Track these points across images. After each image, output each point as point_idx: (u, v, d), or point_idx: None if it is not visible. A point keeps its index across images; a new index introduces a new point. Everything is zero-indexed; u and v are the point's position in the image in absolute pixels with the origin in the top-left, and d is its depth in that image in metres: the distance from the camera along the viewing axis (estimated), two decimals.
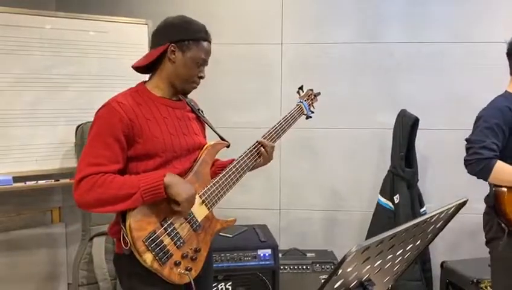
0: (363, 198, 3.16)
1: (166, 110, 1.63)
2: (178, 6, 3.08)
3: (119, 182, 1.46)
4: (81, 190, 1.45)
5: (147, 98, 1.61)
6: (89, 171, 1.45)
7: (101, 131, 1.50)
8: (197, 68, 1.65)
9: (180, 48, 1.60)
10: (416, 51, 3.07)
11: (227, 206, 3.15)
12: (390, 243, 1.01)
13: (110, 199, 1.44)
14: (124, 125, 1.50)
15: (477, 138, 1.99)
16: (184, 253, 1.53)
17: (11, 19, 2.51)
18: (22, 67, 2.55)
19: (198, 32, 1.64)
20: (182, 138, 1.63)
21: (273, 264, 2.58)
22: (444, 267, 2.85)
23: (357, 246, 0.86)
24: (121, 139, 1.50)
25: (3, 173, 2.50)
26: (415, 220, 1.04)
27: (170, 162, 1.58)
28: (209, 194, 1.63)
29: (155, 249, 1.46)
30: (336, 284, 0.98)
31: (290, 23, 3.15)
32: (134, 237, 1.44)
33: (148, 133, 1.54)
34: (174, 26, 1.63)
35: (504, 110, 1.99)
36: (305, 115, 2.10)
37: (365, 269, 1.04)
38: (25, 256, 2.95)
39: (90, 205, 1.46)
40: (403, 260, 1.22)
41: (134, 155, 1.54)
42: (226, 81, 3.18)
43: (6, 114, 2.52)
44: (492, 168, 1.92)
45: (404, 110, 2.92)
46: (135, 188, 1.44)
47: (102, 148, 1.48)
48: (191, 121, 1.72)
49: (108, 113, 1.51)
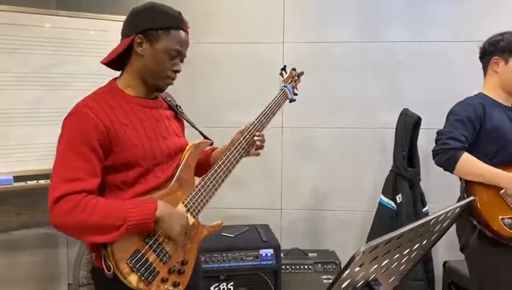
0: (365, 198, 3.14)
1: (142, 111, 1.47)
2: (178, 5, 3.05)
3: (104, 208, 1.31)
4: (59, 211, 1.28)
5: (121, 99, 1.44)
6: (67, 189, 1.29)
7: (73, 140, 1.33)
8: (170, 61, 1.46)
9: (147, 39, 1.42)
10: (418, 50, 3.06)
11: (229, 206, 3.15)
12: (397, 243, 1.00)
13: (91, 228, 1.29)
14: (98, 132, 1.34)
15: (446, 130, 2.01)
16: (171, 268, 1.43)
17: (11, 18, 2.49)
18: (22, 66, 2.53)
19: (169, 20, 1.45)
20: (162, 142, 1.48)
21: (275, 264, 2.57)
22: (447, 267, 2.85)
23: (366, 246, 0.84)
24: (96, 148, 1.34)
25: (4, 173, 2.48)
26: (422, 219, 1.03)
27: (151, 171, 1.44)
28: (194, 201, 1.51)
29: (140, 269, 1.35)
30: (344, 284, 0.97)
31: (291, 22, 3.14)
32: (117, 260, 1.32)
33: (125, 140, 1.38)
34: (140, 15, 1.45)
35: (476, 106, 2.01)
36: (289, 99, 1.95)
37: (372, 268, 1.03)
38: (25, 256, 2.94)
39: (69, 230, 1.33)
40: (409, 259, 1.21)
41: (112, 165, 1.38)
42: (227, 80, 3.17)
43: (7, 113, 2.51)
44: (459, 159, 1.90)
45: (406, 109, 2.91)
46: (121, 220, 1.30)
47: (77, 159, 1.32)
48: (169, 121, 1.57)
49: (79, 120, 1.34)
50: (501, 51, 2.04)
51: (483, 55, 2.12)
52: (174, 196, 1.48)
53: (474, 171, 1.94)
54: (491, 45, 2.07)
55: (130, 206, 1.33)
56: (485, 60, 2.12)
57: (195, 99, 3.17)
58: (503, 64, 2.04)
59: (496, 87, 2.08)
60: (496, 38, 2.07)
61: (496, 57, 2.05)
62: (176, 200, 1.48)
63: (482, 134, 1.99)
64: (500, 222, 1.90)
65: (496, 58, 2.05)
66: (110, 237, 1.30)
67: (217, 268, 2.52)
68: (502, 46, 2.03)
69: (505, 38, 2.03)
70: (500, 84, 2.07)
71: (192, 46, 3.07)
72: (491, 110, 2.01)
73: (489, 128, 1.98)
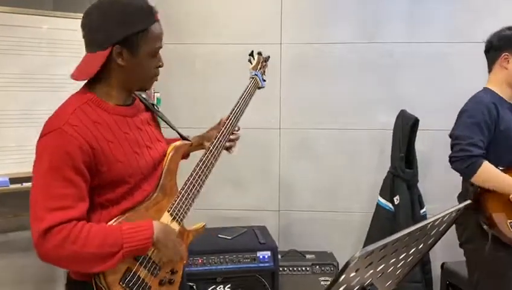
0: (363, 199, 3.14)
1: (125, 122, 1.36)
2: (177, 5, 3.06)
3: (98, 237, 1.22)
4: (49, 246, 1.17)
5: (101, 111, 1.31)
6: (55, 219, 1.17)
7: (57, 164, 1.20)
8: (154, 59, 1.36)
9: (127, 48, 1.29)
10: (416, 51, 3.05)
11: (227, 207, 3.15)
12: (393, 248, 0.99)
13: (86, 259, 1.21)
14: (84, 154, 1.22)
15: (464, 134, 1.96)
16: (161, 280, 1.40)
17: (7, 19, 2.48)
18: (18, 68, 2.52)
19: (144, 18, 1.30)
20: (147, 153, 1.40)
21: (273, 266, 2.57)
22: (444, 268, 2.85)
23: (361, 252, 0.83)
24: (82, 170, 1.23)
25: (0, 175, 2.47)
26: (419, 224, 1.02)
27: (139, 187, 1.37)
28: (179, 208, 1.46)
29: (133, 287, 1.31)
30: (339, 289, 0.96)
31: (289, 23, 3.13)
32: (110, 283, 1.26)
33: (111, 158, 1.28)
34: (112, 21, 1.28)
35: (491, 107, 1.96)
36: (259, 87, 1.91)
37: (368, 273, 1.02)
38: (22, 258, 2.92)
39: (61, 263, 1.25)
40: (405, 263, 1.21)
41: (98, 185, 1.29)
42: (225, 80, 3.16)
43: (2, 115, 2.50)
44: (479, 168, 1.88)
45: (403, 110, 2.91)
46: (117, 247, 1.23)
47: (63, 185, 1.20)
48: (150, 125, 1.49)
49: (62, 141, 1.21)
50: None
51: (490, 50, 2.07)
52: (159, 205, 1.43)
53: (492, 180, 1.92)
54: (502, 39, 2.02)
55: (126, 232, 1.26)
56: (492, 54, 2.07)
57: (193, 100, 3.17)
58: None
59: (502, 83, 2.05)
60: (506, 33, 2.02)
61: (506, 53, 2.01)
62: (161, 209, 1.43)
63: (495, 136, 1.96)
64: (508, 226, 1.91)
65: (507, 54, 2.01)
66: (107, 266, 1.24)
67: (214, 270, 2.51)
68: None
69: None
70: (507, 80, 2.03)
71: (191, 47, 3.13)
72: (502, 110, 1.98)
73: (502, 130, 1.96)
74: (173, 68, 3.02)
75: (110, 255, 1.22)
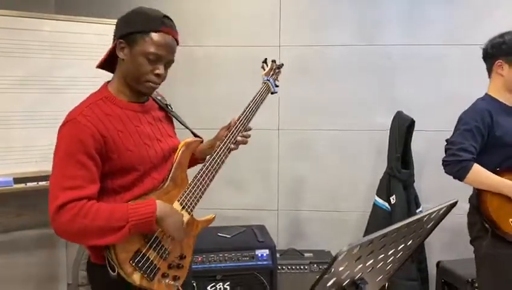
0: (361, 199, 3.19)
1: (136, 117, 1.50)
2: (177, 8, 3.10)
3: (106, 212, 1.34)
4: (62, 220, 1.31)
5: (114, 106, 1.46)
6: (68, 197, 1.31)
7: (71, 150, 1.35)
8: (150, 65, 1.45)
9: (127, 43, 1.44)
10: (413, 54, 3.10)
11: (226, 207, 3.20)
12: (381, 243, 1.04)
13: (95, 232, 1.33)
14: (95, 141, 1.37)
15: (456, 140, 2.05)
16: (170, 263, 1.50)
17: (11, 22, 2.53)
18: (22, 70, 2.57)
19: (148, 23, 1.44)
20: (157, 145, 1.53)
21: (271, 264, 2.60)
22: (440, 266, 2.89)
23: (348, 246, 0.88)
24: (94, 156, 1.37)
25: (4, 175, 2.52)
26: (406, 220, 1.07)
27: (148, 174, 1.49)
28: (188, 198, 1.56)
29: (142, 267, 1.41)
30: (329, 282, 1.01)
31: (287, 26, 3.18)
32: (121, 261, 1.37)
33: (122, 147, 1.42)
34: (123, 19, 1.48)
35: (484, 114, 2.04)
36: (272, 92, 2.01)
37: (357, 268, 1.07)
38: (25, 257, 2.97)
39: (73, 237, 1.37)
40: (395, 259, 1.25)
41: (109, 171, 1.42)
42: (224, 82, 3.21)
43: (7, 116, 2.54)
44: (469, 171, 1.98)
45: (400, 112, 2.96)
46: (123, 221, 1.34)
47: (76, 168, 1.34)
48: (162, 123, 1.62)
49: (76, 130, 1.36)
50: (504, 54, 2.04)
51: (486, 57, 2.13)
52: (169, 195, 1.53)
53: (483, 181, 2.01)
54: (493, 47, 2.08)
55: (131, 207, 1.37)
56: (488, 62, 2.13)
57: (194, 101, 3.21)
58: (507, 67, 2.05)
59: (502, 89, 2.10)
60: (497, 40, 2.07)
61: (499, 60, 2.06)
62: (172, 198, 1.53)
63: (490, 141, 2.03)
64: (511, 224, 1.97)
65: (500, 61, 2.06)
66: (114, 239, 1.34)
67: (213, 268, 2.55)
68: (505, 49, 2.04)
69: (506, 41, 2.03)
70: (504, 86, 2.09)
71: (191, 49, 3.17)
72: (498, 117, 2.04)
73: (498, 136, 2.02)
74: (173, 70, 3.05)
75: (117, 229, 1.34)
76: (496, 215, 1.98)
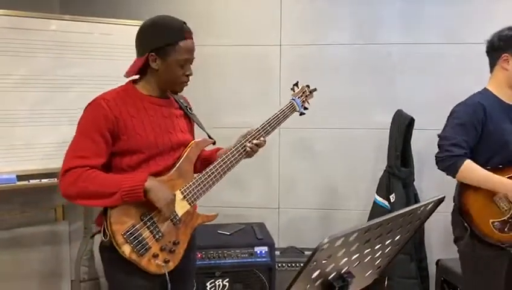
0: (360, 197, 3.20)
1: (153, 108, 1.66)
2: (180, 7, 3.13)
3: (102, 179, 1.53)
4: (66, 182, 1.52)
5: (135, 96, 1.65)
6: (74, 163, 1.52)
7: (87, 126, 1.56)
8: (182, 69, 1.65)
9: (159, 55, 1.62)
10: (413, 52, 3.10)
11: (227, 205, 3.22)
12: (365, 237, 1.06)
13: (91, 194, 1.51)
14: (108, 122, 1.55)
15: (448, 135, 2.02)
16: (163, 246, 1.60)
17: (16, 22, 2.56)
18: (26, 69, 2.60)
19: (173, 35, 1.62)
20: (166, 135, 1.66)
21: (270, 262, 2.63)
22: (440, 265, 2.89)
23: (329, 238, 0.90)
24: (105, 134, 1.55)
25: (8, 172, 2.55)
26: (390, 214, 1.08)
27: (153, 159, 1.63)
28: (191, 190, 1.68)
29: (133, 241, 1.53)
30: (313, 274, 1.03)
31: (288, 25, 3.20)
32: (114, 231, 1.51)
33: (131, 130, 1.59)
34: (149, 34, 1.64)
35: (477, 108, 1.99)
36: (298, 112, 2.10)
37: (342, 261, 1.08)
38: (29, 253, 3.01)
39: (73, 197, 1.53)
40: (383, 254, 1.27)
41: (118, 150, 1.60)
42: (225, 81, 3.24)
43: (11, 114, 2.57)
44: (461, 166, 1.94)
45: (400, 110, 2.96)
46: (116, 188, 1.50)
47: (87, 142, 1.54)
48: (178, 119, 1.76)
49: (94, 110, 1.57)
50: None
51: (491, 50, 2.06)
52: (172, 183, 1.65)
53: (475, 178, 1.96)
54: (502, 40, 2.00)
55: (123, 177, 1.54)
56: (493, 55, 2.06)
57: (194, 100, 3.21)
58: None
59: (502, 84, 2.04)
60: (506, 33, 1.99)
61: (506, 54, 1.99)
62: (174, 186, 1.65)
63: (483, 136, 1.99)
64: (491, 226, 1.95)
65: (507, 55, 1.99)
66: (107, 202, 1.51)
67: (212, 265, 2.58)
68: None
69: None
70: (507, 81, 2.02)
71: None
72: (491, 111, 1.98)
73: (491, 130, 1.98)
74: None
75: (110, 194, 1.50)
76: (477, 216, 1.96)
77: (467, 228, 1.99)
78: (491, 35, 2.06)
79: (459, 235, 2.08)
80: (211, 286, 2.58)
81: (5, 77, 2.55)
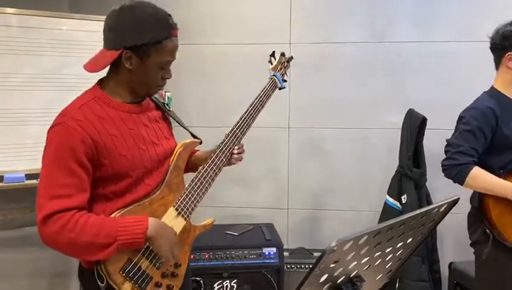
0: (372, 198, 3.15)
1: (131, 119, 1.41)
2: (186, 6, 3.12)
3: (94, 227, 1.27)
4: (49, 231, 1.24)
5: (107, 107, 1.37)
6: (55, 207, 1.24)
7: (60, 156, 1.26)
8: (161, 70, 1.41)
9: (137, 54, 1.34)
10: (425, 51, 3.05)
11: (236, 205, 3.20)
12: (375, 240, 1.02)
13: (81, 247, 1.27)
14: (86, 146, 1.28)
15: (455, 142, 1.94)
16: (164, 272, 1.44)
17: (25, 21, 2.57)
18: (35, 68, 2.61)
19: (159, 32, 1.34)
20: (152, 149, 1.44)
21: (278, 263, 2.59)
22: (452, 268, 2.83)
23: (337, 241, 0.87)
24: (84, 163, 1.28)
25: (17, 171, 2.57)
26: (402, 216, 1.04)
27: (141, 180, 1.41)
28: (185, 203, 1.49)
29: (133, 277, 1.35)
30: (321, 278, 0.99)
31: (298, 23, 3.16)
32: (110, 272, 1.32)
33: (114, 152, 1.34)
34: (127, 26, 1.33)
35: (487, 113, 1.91)
36: (279, 87, 1.91)
37: (351, 265, 1.05)
38: (38, 252, 2.99)
39: (60, 249, 1.29)
40: (394, 257, 1.23)
41: (101, 177, 1.34)
42: (233, 80, 3.21)
43: (20, 113, 2.59)
44: (467, 175, 1.86)
45: (411, 109, 2.91)
46: (111, 238, 1.27)
47: (64, 175, 1.26)
48: (158, 123, 1.53)
49: (66, 134, 1.27)
50: None
51: (495, 48, 2.01)
52: (164, 200, 1.46)
53: (483, 186, 1.89)
54: (504, 38, 1.94)
55: (121, 224, 1.30)
56: (496, 54, 2.01)
57: (203, 99, 3.22)
58: None
59: (508, 83, 1.98)
60: (508, 29, 1.93)
61: (510, 53, 1.93)
62: (167, 204, 1.47)
63: (495, 140, 1.92)
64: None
65: (510, 53, 1.93)
66: (101, 256, 1.29)
67: (220, 266, 2.55)
68: None
69: None
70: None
71: (200, 47, 3.18)
72: (502, 114, 1.91)
73: (506, 134, 1.91)
74: (183, 68, 3.08)
75: (104, 246, 1.28)
76: (499, 222, 1.88)
77: (488, 235, 1.91)
78: (493, 32, 2.01)
79: (477, 240, 2.01)
80: (218, 287, 2.55)
81: (14, 75, 2.56)
